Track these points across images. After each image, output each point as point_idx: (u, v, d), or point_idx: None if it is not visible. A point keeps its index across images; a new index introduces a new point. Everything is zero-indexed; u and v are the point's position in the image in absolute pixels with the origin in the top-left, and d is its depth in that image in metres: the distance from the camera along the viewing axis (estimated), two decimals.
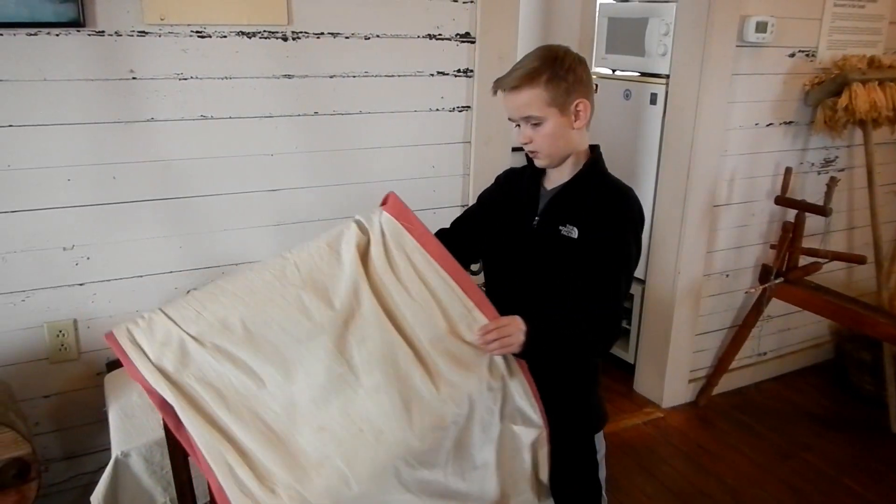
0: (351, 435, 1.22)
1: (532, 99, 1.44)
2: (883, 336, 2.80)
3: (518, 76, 1.44)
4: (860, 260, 2.89)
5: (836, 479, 2.71)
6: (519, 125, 1.50)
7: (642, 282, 3.18)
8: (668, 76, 2.96)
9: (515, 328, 1.33)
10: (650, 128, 3.08)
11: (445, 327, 1.34)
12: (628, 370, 3.29)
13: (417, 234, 1.42)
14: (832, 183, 2.75)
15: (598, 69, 3.45)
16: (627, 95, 3.22)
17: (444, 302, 1.37)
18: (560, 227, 1.47)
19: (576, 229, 1.46)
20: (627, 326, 3.36)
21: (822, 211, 2.75)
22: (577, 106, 1.46)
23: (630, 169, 3.16)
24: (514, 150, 4.48)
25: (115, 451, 1.54)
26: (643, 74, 3.17)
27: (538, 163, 1.53)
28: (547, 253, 1.49)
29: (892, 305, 3.48)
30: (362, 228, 1.45)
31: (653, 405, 3.14)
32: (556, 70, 1.44)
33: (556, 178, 1.54)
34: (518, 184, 1.61)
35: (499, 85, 1.48)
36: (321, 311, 1.31)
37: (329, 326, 1.30)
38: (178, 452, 1.35)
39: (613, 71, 3.36)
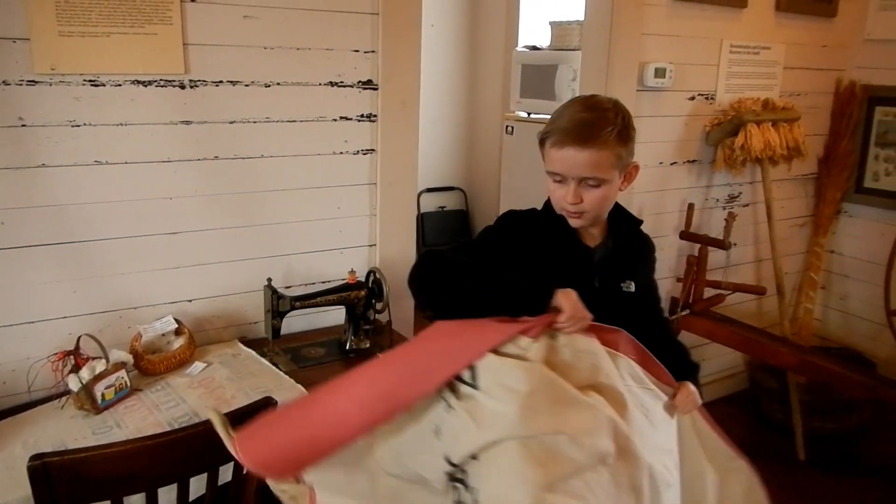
0: None
1: (602, 159, 1.30)
2: (784, 365, 2.91)
3: (592, 132, 1.28)
4: (761, 291, 3.02)
5: None
6: (561, 181, 1.35)
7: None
8: None
9: (691, 389, 1.39)
10: None
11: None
12: None
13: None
14: (730, 218, 2.88)
15: (516, 112, 3.57)
16: None
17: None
18: (621, 285, 1.43)
19: (633, 283, 1.43)
20: None
21: (722, 245, 2.87)
22: (631, 168, 1.39)
23: None
24: (426, 191, 4.58)
25: None
26: None
27: (575, 223, 1.40)
28: (612, 312, 1.33)
29: (800, 335, 3.63)
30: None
31: None
32: (626, 129, 1.32)
33: (594, 234, 1.46)
34: (545, 239, 1.42)
35: (562, 137, 1.30)
36: None
37: None
38: None
39: (529, 114, 3.49)
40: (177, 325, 2.08)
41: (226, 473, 1.57)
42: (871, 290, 3.52)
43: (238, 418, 1.51)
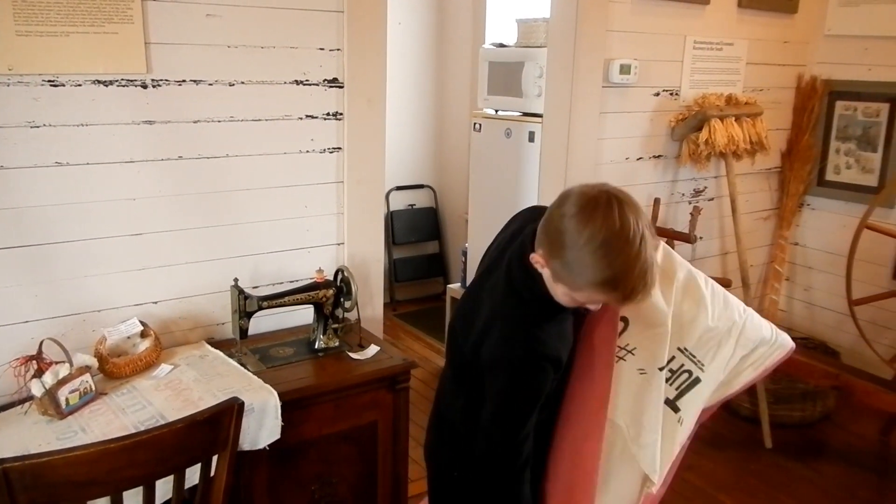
0: None
1: None
2: None
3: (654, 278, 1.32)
4: (725, 283, 3.05)
5: (713, 496, 2.83)
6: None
7: None
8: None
9: None
10: (529, 164, 3.21)
11: None
12: None
13: None
14: (695, 212, 2.92)
15: (484, 110, 3.58)
16: (508, 134, 3.35)
17: None
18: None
19: None
20: None
21: (688, 238, 2.91)
22: None
23: (512, 203, 3.27)
24: (396, 189, 4.57)
25: None
26: (524, 114, 3.32)
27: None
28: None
29: None
30: None
31: None
32: None
33: None
34: (563, 338, 1.45)
35: (645, 294, 1.32)
36: None
37: None
38: None
39: (496, 111, 3.50)
40: (142, 328, 2.05)
41: (193, 476, 1.56)
42: (834, 281, 3.59)
43: (207, 420, 1.51)
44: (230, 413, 1.53)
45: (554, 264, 1.32)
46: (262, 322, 2.29)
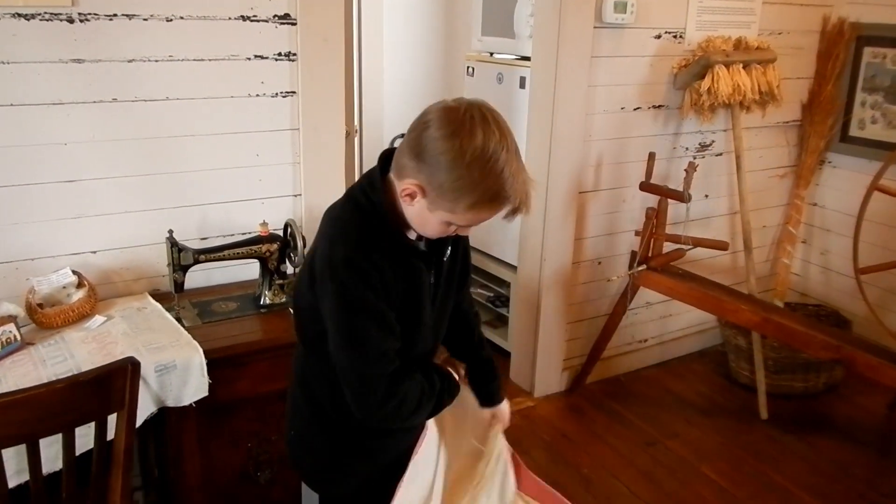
0: None
1: None
2: (743, 322, 2.77)
3: None
4: (723, 246, 2.86)
5: (694, 466, 2.69)
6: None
7: (514, 268, 3.14)
8: None
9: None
10: (520, 112, 3.00)
11: None
12: (508, 359, 3.24)
13: None
14: (690, 169, 2.69)
15: (479, 52, 3.37)
16: (500, 79, 3.15)
17: None
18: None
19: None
20: (506, 313, 3.32)
21: (681, 197, 2.70)
22: None
23: None
24: (400, 137, 4.37)
25: None
26: (519, 58, 3.10)
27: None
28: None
29: (776, 291, 3.48)
30: None
31: (525, 394, 3.10)
32: None
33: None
34: (400, 257, 1.30)
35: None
36: None
37: None
38: None
39: (491, 54, 3.28)
40: (75, 277, 1.98)
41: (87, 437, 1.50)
42: (852, 246, 3.33)
43: (93, 380, 1.43)
44: (123, 374, 1.45)
45: (433, 190, 1.21)
46: (214, 274, 2.22)
